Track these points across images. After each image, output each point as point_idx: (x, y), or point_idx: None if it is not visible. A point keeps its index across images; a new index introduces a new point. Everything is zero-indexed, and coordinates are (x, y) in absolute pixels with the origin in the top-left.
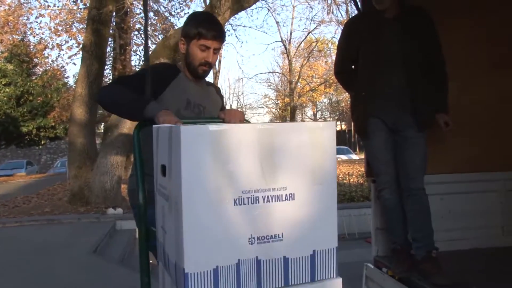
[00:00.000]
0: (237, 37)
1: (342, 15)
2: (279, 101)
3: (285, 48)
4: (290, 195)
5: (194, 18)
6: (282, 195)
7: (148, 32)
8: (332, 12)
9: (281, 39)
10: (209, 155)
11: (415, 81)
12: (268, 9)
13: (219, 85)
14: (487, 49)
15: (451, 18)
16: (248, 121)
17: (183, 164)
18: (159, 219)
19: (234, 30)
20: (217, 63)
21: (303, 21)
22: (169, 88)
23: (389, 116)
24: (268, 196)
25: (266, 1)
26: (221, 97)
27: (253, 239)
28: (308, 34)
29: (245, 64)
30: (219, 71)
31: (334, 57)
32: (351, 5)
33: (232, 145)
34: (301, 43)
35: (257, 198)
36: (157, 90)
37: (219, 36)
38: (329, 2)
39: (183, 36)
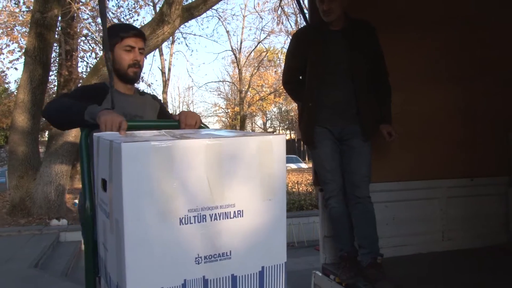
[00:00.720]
0: (187, 46)
1: (291, 26)
2: (229, 110)
3: (235, 57)
4: (239, 212)
5: (112, 28)
6: (230, 212)
7: (102, 35)
8: (282, 23)
9: (232, 48)
10: (152, 172)
11: (361, 92)
12: (219, 18)
13: (168, 93)
14: (427, 62)
15: (394, 31)
16: (205, 125)
17: (125, 182)
18: (100, 235)
19: (184, 38)
20: (166, 71)
21: (253, 30)
22: (104, 102)
23: (335, 125)
24: (215, 214)
25: (216, 10)
26: (159, 101)
27: (200, 258)
28: (258, 43)
29: (195, 73)
30: (168, 79)
31: (283, 67)
32: (300, 16)
33: (177, 162)
34: (251, 52)
35: (204, 216)
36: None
37: (140, 34)
38: (278, 13)
39: (105, 43)
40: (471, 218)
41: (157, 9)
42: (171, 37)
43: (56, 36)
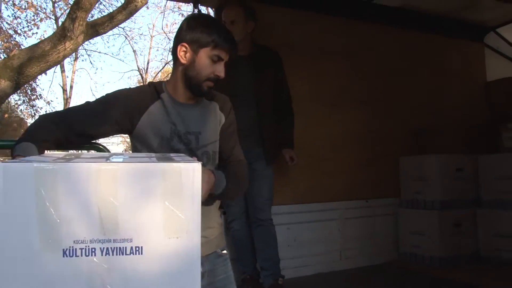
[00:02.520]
0: (91, 63)
1: None
2: None
3: (142, 77)
4: (137, 249)
5: (204, 23)
6: (126, 247)
7: None
8: None
9: (138, 68)
10: (34, 197)
11: (265, 117)
12: (126, 37)
13: None
14: (324, 89)
15: (298, 58)
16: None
17: (1, 205)
18: None
19: (89, 55)
20: (68, 89)
21: (161, 51)
22: (146, 115)
23: None
24: (108, 248)
25: (123, 29)
26: (230, 107)
27: None
28: (165, 64)
29: (99, 92)
30: (70, 97)
31: None
32: None
33: (64, 187)
34: (158, 73)
35: (93, 250)
36: (133, 120)
37: (235, 48)
38: None
39: (187, 42)
40: (366, 237)
41: (60, 23)
42: (74, 54)
43: None
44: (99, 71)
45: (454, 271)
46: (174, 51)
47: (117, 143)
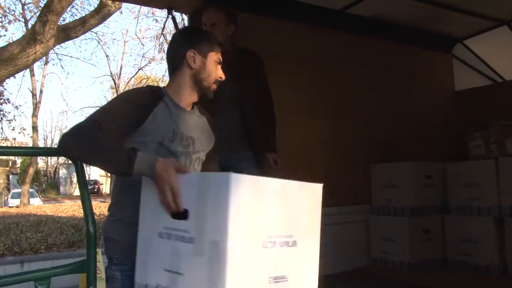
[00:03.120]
0: (62, 67)
1: None
2: None
3: (115, 82)
4: (293, 242)
5: (200, 31)
6: (289, 241)
7: None
8: (164, 51)
9: (111, 73)
10: (248, 201)
11: (251, 120)
12: (98, 42)
13: (39, 117)
14: (299, 97)
15: (270, 65)
16: None
17: (231, 208)
18: (164, 262)
19: (60, 59)
20: (38, 93)
21: (134, 56)
22: (152, 116)
23: (222, 156)
24: (281, 242)
25: (96, 33)
26: (213, 121)
27: (270, 279)
28: (138, 70)
29: (70, 97)
30: (40, 102)
31: None
32: None
33: (264, 195)
34: (131, 78)
35: (275, 243)
36: (140, 119)
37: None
38: (161, 41)
39: (196, 48)
40: (338, 244)
41: (29, 26)
42: (44, 58)
43: None
44: (71, 75)
45: (423, 276)
46: (178, 58)
47: None
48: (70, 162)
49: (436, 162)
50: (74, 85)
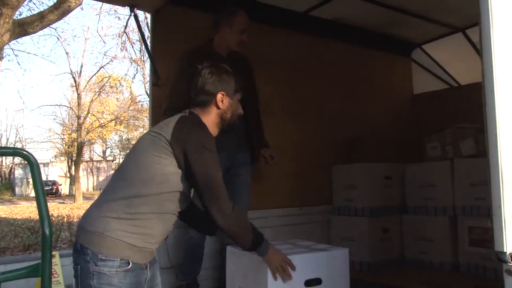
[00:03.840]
0: (19, 64)
1: (135, 53)
2: (65, 136)
3: (75, 80)
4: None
5: (226, 71)
6: None
7: None
8: (126, 49)
9: (71, 71)
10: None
11: (249, 120)
12: (58, 38)
13: None
14: (263, 97)
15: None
16: None
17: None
18: None
19: (16, 56)
20: None
21: (96, 54)
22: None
23: (224, 152)
24: None
25: (55, 29)
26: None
27: None
28: (100, 68)
29: (27, 94)
30: None
31: (126, 94)
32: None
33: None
34: (92, 77)
35: None
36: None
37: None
38: (123, 39)
39: (225, 91)
40: None
41: None
42: None
43: None
44: (28, 72)
45: (382, 275)
46: (208, 96)
47: (46, 148)
48: (26, 162)
49: (395, 163)
50: (31, 82)
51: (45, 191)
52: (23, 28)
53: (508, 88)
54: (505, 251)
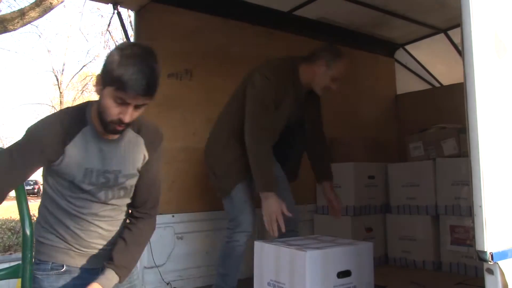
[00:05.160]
0: None
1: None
2: None
3: (57, 79)
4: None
5: (120, 55)
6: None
7: None
8: (109, 47)
9: (53, 69)
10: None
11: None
12: (39, 36)
13: None
14: None
15: (217, 65)
16: None
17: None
18: None
19: None
20: None
21: (78, 52)
22: (70, 147)
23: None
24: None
25: (37, 27)
26: (158, 144)
27: None
28: (83, 67)
29: (7, 92)
30: None
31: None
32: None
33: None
34: (75, 75)
35: None
36: (58, 150)
37: (147, 92)
38: (106, 38)
39: (101, 74)
40: None
41: None
42: None
43: None
44: (7, 70)
45: None
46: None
47: None
48: None
49: (378, 163)
50: (11, 80)
51: (26, 191)
52: (3, 25)
53: (488, 89)
54: (485, 250)
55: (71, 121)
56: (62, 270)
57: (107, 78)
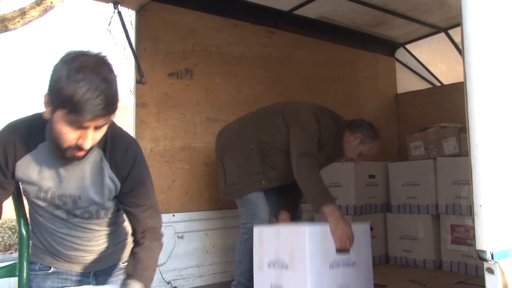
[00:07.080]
0: None
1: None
2: None
3: None
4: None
5: (68, 69)
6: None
7: None
8: (109, 48)
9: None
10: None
11: None
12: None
13: None
14: (247, 96)
15: (217, 65)
16: None
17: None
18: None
19: None
20: None
21: None
22: (21, 164)
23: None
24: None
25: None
26: (129, 168)
27: None
28: None
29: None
30: None
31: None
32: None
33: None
34: None
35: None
36: (8, 164)
37: (107, 110)
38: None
39: (48, 94)
40: None
41: None
42: None
43: None
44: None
45: None
46: None
47: None
48: None
49: (379, 162)
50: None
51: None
52: (3, 24)
53: (489, 88)
54: (486, 249)
55: (30, 133)
56: (49, 271)
57: (56, 100)
